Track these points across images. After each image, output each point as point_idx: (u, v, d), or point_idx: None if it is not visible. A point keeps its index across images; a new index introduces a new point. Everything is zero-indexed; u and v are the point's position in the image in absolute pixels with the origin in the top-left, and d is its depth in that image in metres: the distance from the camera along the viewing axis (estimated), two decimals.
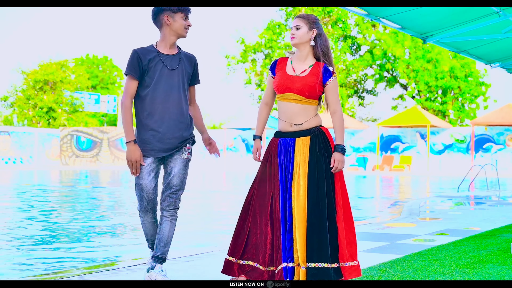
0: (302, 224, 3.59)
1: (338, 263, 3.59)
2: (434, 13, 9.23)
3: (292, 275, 3.57)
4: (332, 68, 3.76)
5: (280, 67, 3.83)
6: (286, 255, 3.60)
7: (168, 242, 3.85)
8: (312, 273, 3.51)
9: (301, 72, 3.76)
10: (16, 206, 10.91)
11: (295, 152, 3.72)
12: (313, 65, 3.77)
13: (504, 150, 28.40)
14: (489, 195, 13.09)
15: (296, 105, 3.74)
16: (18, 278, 4.60)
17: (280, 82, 3.77)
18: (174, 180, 3.81)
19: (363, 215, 9.72)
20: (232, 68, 42.62)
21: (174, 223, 3.87)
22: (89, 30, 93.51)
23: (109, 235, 7.24)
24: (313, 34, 3.78)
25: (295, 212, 3.61)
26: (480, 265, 4.51)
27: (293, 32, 3.77)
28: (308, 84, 3.71)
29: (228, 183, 20.34)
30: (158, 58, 3.78)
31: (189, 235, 7.02)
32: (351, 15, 38.57)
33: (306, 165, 3.67)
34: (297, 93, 3.72)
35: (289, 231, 3.61)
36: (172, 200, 3.83)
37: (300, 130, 3.74)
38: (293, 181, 3.67)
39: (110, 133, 36.20)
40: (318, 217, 3.58)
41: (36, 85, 41.08)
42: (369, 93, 42.46)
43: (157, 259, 3.82)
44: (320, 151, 3.69)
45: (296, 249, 3.58)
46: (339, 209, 3.67)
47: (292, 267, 3.58)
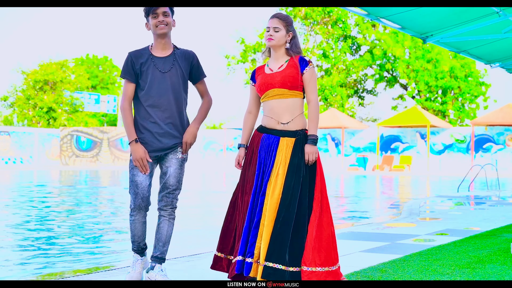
0: (271, 223, 3.59)
1: (300, 267, 3.56)
2: (434, 13, 9.23)
3: (248, 271, 3.57)
4: (308, 59, 3.82)
5: (259, 72, 3.89)
6: (247, 249, 3.61)
7: (167, 242, 3.86)
8: (267, 272, 3.51)
9: (278, 68, 3.81)
10: (16, 206, 10.91)
11: (278, 151, 3.72)
12: (289, 59, 3.83)
13: (504, 150, 28.41)
14: (489, 195, 13.09)
15: (281, 100, 3.76)
16: (18, 278, 4.60)
17: (261, 82, 3.80)
18: (170, 180, 3.83)
19: (363, 215, 9.72)
20: (232, 68, 42.63)
21: (172, 222, 3.88)
22: (89, 30, 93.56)
23: (109, 235, 7.24)
24: (289, 37, 3.84)
25: (266, 210, 3.62)
26: (480, 265, 4.51)
27: (272, 33, 3.80)
28: (288, 75, 3.75)
29: (228, 183, 20.34)
30: (150, 61, 3.82)
31: (189, 235, 7.02)
32: (351, 15, 38.56)
33: (286, 165, 3.68)
34: (280, 87, 3.75)
35: (255, 227, 3.62)
36: (169, 199, 3.84)
37: (286, 130, 3.75)
38: (270, 179, 3.68)
39: (110, 133, 36.20)
40: (286, 219, 3.58)
41: (36, 85, 41.10)
42: (369, 93, 42.46)
43: (157, 259, 3.83)
44: (302, 154, 3.70)
45: (258, 246, 3.59)
46: (314, 214, 3.64)
47: (250, 263, 3.58)
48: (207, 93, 4.02)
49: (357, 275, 4.11)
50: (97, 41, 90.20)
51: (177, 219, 3.93)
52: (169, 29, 3.84)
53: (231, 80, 79.06)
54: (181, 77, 3.86)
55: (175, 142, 3.83)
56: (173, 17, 3.91)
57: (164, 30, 3.79)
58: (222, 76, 41.42)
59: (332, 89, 38.50)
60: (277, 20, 3.81)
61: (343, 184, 19.95)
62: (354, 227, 7.13)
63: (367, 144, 31.58)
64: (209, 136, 34.62)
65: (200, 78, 3.98)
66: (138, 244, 3.93)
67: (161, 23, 3.78)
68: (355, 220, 8.94)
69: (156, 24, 3.78)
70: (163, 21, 3.78)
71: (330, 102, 38.88)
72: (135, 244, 3.93)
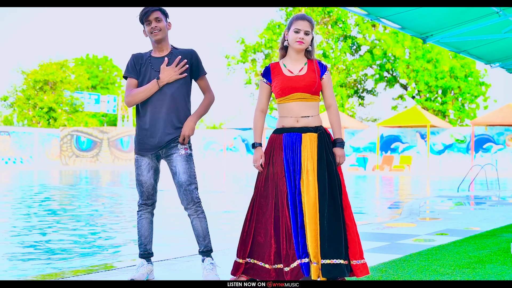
0: (313, 220, 3.57)
1: (349, 260, 3.59)
2: (434, 13, 9.23)
3: (308, 271, 3.54)
4: (325, 63, 3.84)
5: (276, 72, 3.83)
6: (301, 251, 3.57)
7: (206, 235, 3.97)
8: (327, 269, 3.49)
9: (298, 71, 3.79)
10: (16, 206, 10.91)
11: (302, 147, 3.71)
12: (307, 62, 3.83)
13: (504, 150, 28.40)
14: (489, 195, 13.08)
15: (302, 103, 3.77)
16: (18, 278, 4.60)
17: (284, 84, 3.76)
18: (181, 177, 3.90)
19: (363, 215, 9.72)
20: (232, 68, 42.63)
21: (202, 216, 3.97)
22: (89, 30, 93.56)
23: (109, 235, 7.24)
24: (312, 39, 3.85)
25: (306, 208, 3.60)
26: (480, 265, 4.51)
27: (303, 37, 3.77)
28: (311, 80, 3.76)
29: (228, 183, 20.34)
30: (148, 62, 3.93)
31: (189, 235, 7.01)
32: (351, 15, 38.57)
33: (314, 160, 3.67)
34: (304, 91, 3.75)
35: (301, 227, 3.59)
36: (188, 196, 3.91)
37: (308, 126, 3.75)
38: (301, 177, 3.66)
39: (110, 133, 36.20)
40: (331, 213, 3.58)
41: (36, 85, 41.09)
42: (369, 93, 42.46)
43: (203, 253, 3.96)
44: (328, 149, 3.74)
45: (308, 245, 3.57)
46: (348, 208, 3.70)
47: (307, 263, 3.55)
48: (208, 89, 4.06)
49: None
50: (97, 41, 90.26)
51: (177, 219, 3.94)
52: (164, 34, 3.92)
53: (231, 80, 79.01)
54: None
55: (170, 139, 3.89)
56: (168, 20, 3.97)
57: (158, 36, 3.90)
58: (222, 76, 41.46)
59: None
60: (308, 23, 3.79)
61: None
62: None
63: (367, 144, 31.57)
64: (209, 136, 34.61)
65: (199, 75, 4.02)
66: (145, 247, 4.00)
67: (155, 29, 3.88)
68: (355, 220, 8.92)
69: (150, 31, 3.90)
70: (156, 27, 3.88)
71: None
72: (142, 247, 4.00)
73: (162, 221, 6.51)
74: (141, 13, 3.89)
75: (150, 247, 4.03)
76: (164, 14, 3.93)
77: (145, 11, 3.87)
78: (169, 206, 9.84)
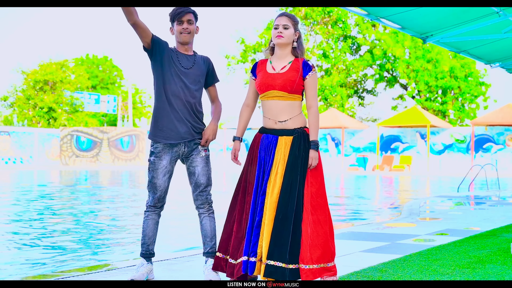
0: (271, 222, 3.62)
1: (298, 264, 3.59)
2: (434, 13, 9.23)
3: (252, 270, 3.59)
4: (311, 63, 3.81)
5: (261, 68, 3.87)
6: (250, 249, 3.63)
7: (214, 236, 4.02)
8: (269, 270, 3.54)
9: (281, 69, 3.79)
10: (16, 206, 10.91)
11: (276, 150, 3.75)
12: (292, 61, 3.82)
13: (504, 150, 28.40)
14: (489, 195, 13.08)
15: (280, 102, 3.77)
16: (18, 278, 4.60)
17: (262, 81, 3.80)
18: (200, 179, 3.98)
19: (363, 215, 9.72)
20: (232, 68, 42.64)
21: (213, 216, 4.05)
22: (89, 30, 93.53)
23: (109, 235, 7.24)
24: (296, 36, 3.84)
25: (267, 209, 3.65)
26: (480, 265, 4.51)
27: (281, 31, 3.78)
28: (289, 79, 3.74)
29: (228, 183, 20.34)
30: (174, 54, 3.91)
31: (189, 235, 7.02)
32: (351, 15, 38.55)
33: (284, 164, 3.71)
34: (280, 89, 3.75)
35: (256, 226, 3.64)
36: (204, 197, 4.01)
37: (284, 129, 3.77)
38: (269, 178, 3.70)
39: (110, 133, 36.19)
40: (285, 217, 3.61)
41: (36, 85, 41.10)
42: (369, 93, 42.45)
43: (208, 254, 4.00)
44: (299, 152, 3.72)
45: (261, 245, 3.62)
46: (306, 212, 3.66)
47: (254, 262, 3.60)
48: (217, 98, 4.15)
49: (357, 275, 4.11)
50: (97, 41, 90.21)
51: (178, 219, 3.95)
52: (192, 36, 3.94)
53: (231, 80, 78.99)
54: (200, 79, 3.98)
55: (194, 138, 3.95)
56: (197, 24, 3.98)
57: (186, 38, 3.90)
58: (222, 76, 41.40)
59: (332, 89, 38.49)
60: (286, 18, 3.81)
61: (343, 184, 19.95)
62: (354, 227, 7.13)
63: (367, 144, 31.57)
64: None
65: (213, 82, 4.09)
66: (147, 247, 4.02)
67: (185, 30, 3.89)
68: (355, 220, 8.94)
69: (180, 31, 3.89)
70: (187, 28, 3.88)
71: (330, 102, 38.88)
72: (144, 246, 4.02)
73: (162, 221, 6.51)
74: (175, 11, 3.87)
75: (153, 248, 4.05)
76: (196, 18, 3.94)
77: (180, 11, 3.86)
78: (169, 206, 9.83)
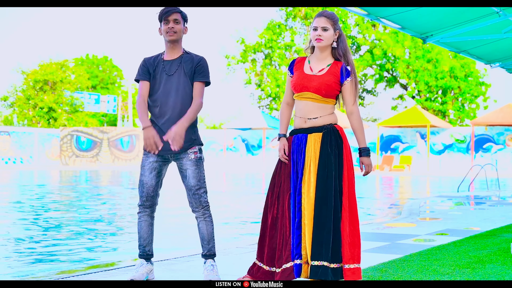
0: (311, 222, 3.55)
1: (340, 264, 3.54)
2: (434, 13, 9.23)
3: (299, 273, 3.54)
4: (351, 68, 3.69)
5: (298, 66, 3.77)
6: (294, 252, 3.57)
7: (211, 239, 3.99)
8: (314, 271, 3.49)
9: (318, 71, 3.69)
10: (16, 206, 10.91)
11: (307, 148, 3.67)
12: (331, 64, 3.70)
13: (504, 150, 28.40)
14: (489, 195, 13.08)
15: (312, 103, 3.69)
16: (18, 278, 4.60)
17: (297, 81, 3.71)
18: (191, 181, 3.93)
19: (363, 215, 9.72)
20: (232, 68, 42.65)
21: (209, 220, 3.98)
22: (89, 30, 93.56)
23: (109, 235, 7.24)
24: (336, 36, 3.72)
25: (305, 209, 3.58)
26: (480, 265, 4.50)
27: (320, 33, 3.65)
28: (325, 83, 3.65)
29: (228, 183, 20.34)
30: (160, 65, 3.93)
31: (189, 235, 7.02)
32: (351, 15, 38.56)
33: (316, 161, 3.63)
34: (314, 92, 3.66)
35: (297, 228, 3.58)
36: (196, 200, 3.93)
37: (314, 126, 3.69)
38: (303, 177, 3.63)
39: (110, 133, 36.19)
40: (324, 215, 3.54)
41: (36, 85, 41.10)
42: (369, 93, 42.47)
43: (206, 256, 3.99)
44: (331, 148, 3.64)
45: (304, 246, 3.56)
46: (344, 209, 3.61)
47: (300, 264, 3.55)
48: (198, 96, 3.87)
49: None
50: (97, 41, 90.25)
51: (178, 219, 3.94)
52: (178, 36, 3.92)
53: (231, 80, 79.00)
54: (185, 80, 3.89)
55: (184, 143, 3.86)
56: (186, 24, 3.97)
57: (172, 37, 3.89)
58: (222, 76, 41.45)
59: None
60: (325, 19, 3.68)
61: None
62: None
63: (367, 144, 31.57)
64: (209, 136, 34.63)
65: (196, 79, 3.90)
66: (144, 249, 4.00)
67: (171, 30, 3.88)
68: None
69: (166, 31, 3.90)
70: (173, 28, 3.88)
71: None
72: (141, 248, 4.01)
73: (162, 221, 6.50)
74: (162, 11, 3.89)
75: (149, 249, 4.03)
76: (183, 18, 3.93)
77: (166, 10, 3.87)
78: (169, 206, 9.84)
